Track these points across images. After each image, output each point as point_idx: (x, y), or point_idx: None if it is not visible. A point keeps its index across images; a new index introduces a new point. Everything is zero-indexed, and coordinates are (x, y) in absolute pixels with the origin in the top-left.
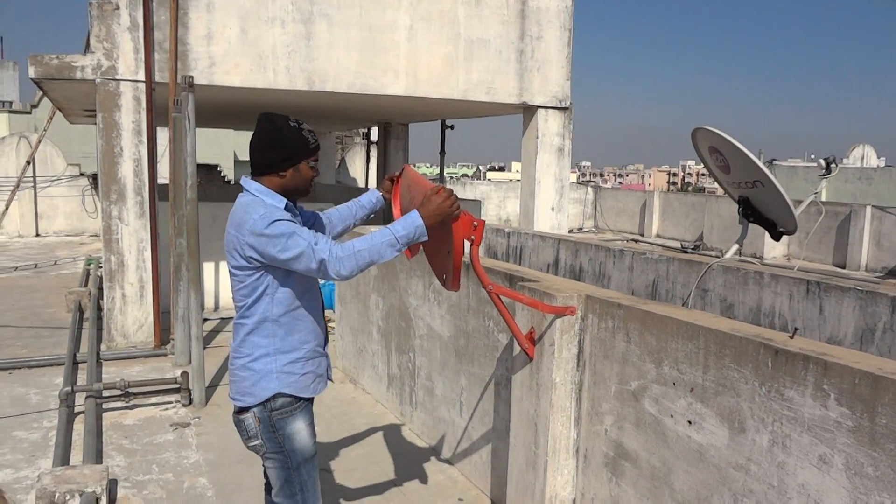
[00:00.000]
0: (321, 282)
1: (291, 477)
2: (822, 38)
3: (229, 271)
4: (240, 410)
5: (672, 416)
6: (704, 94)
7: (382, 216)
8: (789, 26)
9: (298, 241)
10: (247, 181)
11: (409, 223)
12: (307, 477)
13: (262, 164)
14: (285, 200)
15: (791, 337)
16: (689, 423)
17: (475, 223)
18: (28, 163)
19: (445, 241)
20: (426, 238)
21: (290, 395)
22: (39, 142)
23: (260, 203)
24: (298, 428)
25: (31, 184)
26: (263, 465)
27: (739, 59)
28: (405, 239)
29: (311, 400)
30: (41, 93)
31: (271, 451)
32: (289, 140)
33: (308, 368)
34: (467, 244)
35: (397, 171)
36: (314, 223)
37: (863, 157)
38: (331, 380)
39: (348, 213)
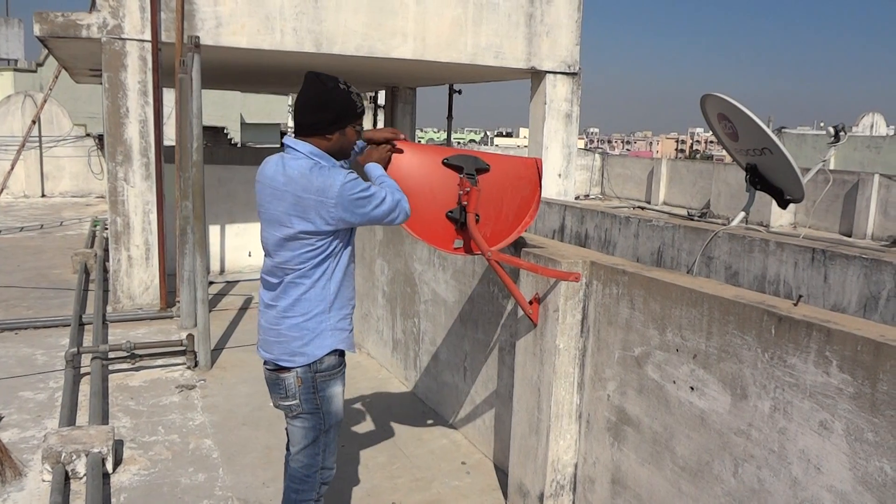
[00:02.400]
0: None
1: (319, 438)
2: (834, 4)
3: (287, 235)
4: (279, 369)
5: (675, 382)
6: (714, 61)
7: None
8: None
9: (380, 192)
10: (294, 142)
11: (376, 169)
12: (332, 440)
13: (310, 124)
14: (336, 161)
15: (795, 304)
16: (692, 389)
17: (467, 189)
18: (33, 122)
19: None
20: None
21: (336, 356)
22: (45, 101)
23: (324, 166)
24: (337, 392)
25: (37, 144)
26: (288, 424)
27: (749, 25)
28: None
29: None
30: (46, 51)
31: (307, 411)
32: (338, 103)
33: (351, 325)
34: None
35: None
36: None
37: (872, 126)
38: None
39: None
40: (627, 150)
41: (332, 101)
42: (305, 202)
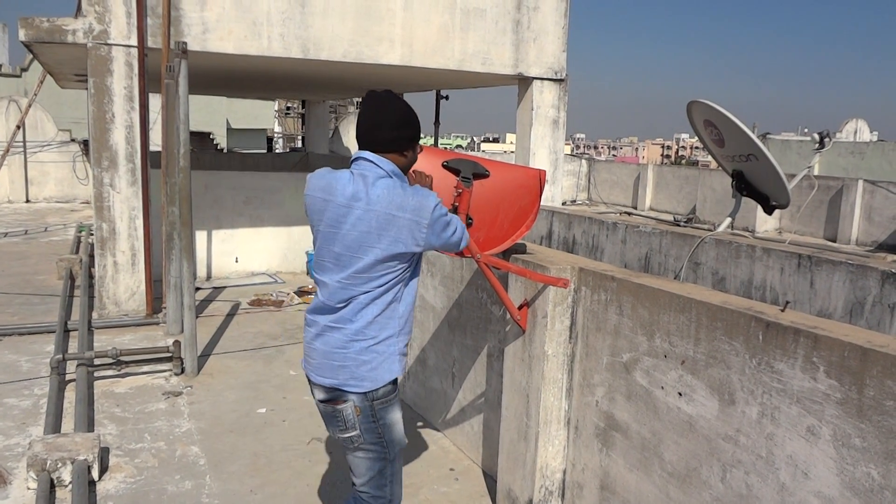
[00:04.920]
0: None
1: (385, 469)
2: (818, 12)
3: (373, 256)
4: (334, 400)
5: (663, 387)
6: (700, 67)
7: None
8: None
9: (455, 218)
10: (376, 157)
11: None
12: (398, 469)
13: (391, 140)
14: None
15: (782, 310)
16: (680, 394)
17: (459, 190)
18: (18, 127)
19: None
20: None
21: (394, 381)
22: (30, 106)
23: (413, 186)
24: (397, 418)
25: (21, 149)
26: (348, 456)
27: (735, 31)
28: None
29: None
30: (31, 56)
31: (369, 442)
32: (416, 120)
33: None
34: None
35: None
36: None
37: (856, 132)
38: None
39: None
40: (614, 155)
41: (412, 119)
42: (399, 221)
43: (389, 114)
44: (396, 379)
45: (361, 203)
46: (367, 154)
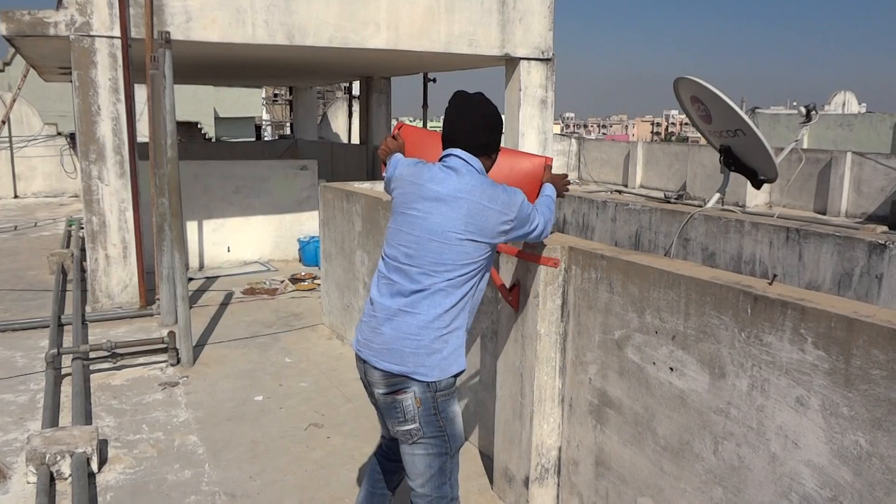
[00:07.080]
0: (307, 238)
1: (446, 465)
2: None
3: (453, 242)
4: (396, 391)
5: (654, 363)
6: (687, 43)
7: None
8: None
9: (535, 214)
10: (468, 156)
11: (548, 188)
12: (456, 466)
13: (484, 144)
14: None
15: (770, 283)
16: (671, 369)
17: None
18: (3, 122)
19: None
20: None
21: (456, 375)
22: (14, 101)
23: (501, 185)
24: (457, 411)
25: (7, 144)
26: (404, 454)
27: (722, 5)
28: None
29: None
30: (13, 50)
31: (430, 435)
32: (501, 126)
33: None
34: None
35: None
36: None
37: (844, 104)
38: None
39: None
40: (603, 134)
41: (500, 124)
42: (487, 212)
43: (479, 116)
44: (460, 373)
45: (452, 192)
46: (459, 151)
